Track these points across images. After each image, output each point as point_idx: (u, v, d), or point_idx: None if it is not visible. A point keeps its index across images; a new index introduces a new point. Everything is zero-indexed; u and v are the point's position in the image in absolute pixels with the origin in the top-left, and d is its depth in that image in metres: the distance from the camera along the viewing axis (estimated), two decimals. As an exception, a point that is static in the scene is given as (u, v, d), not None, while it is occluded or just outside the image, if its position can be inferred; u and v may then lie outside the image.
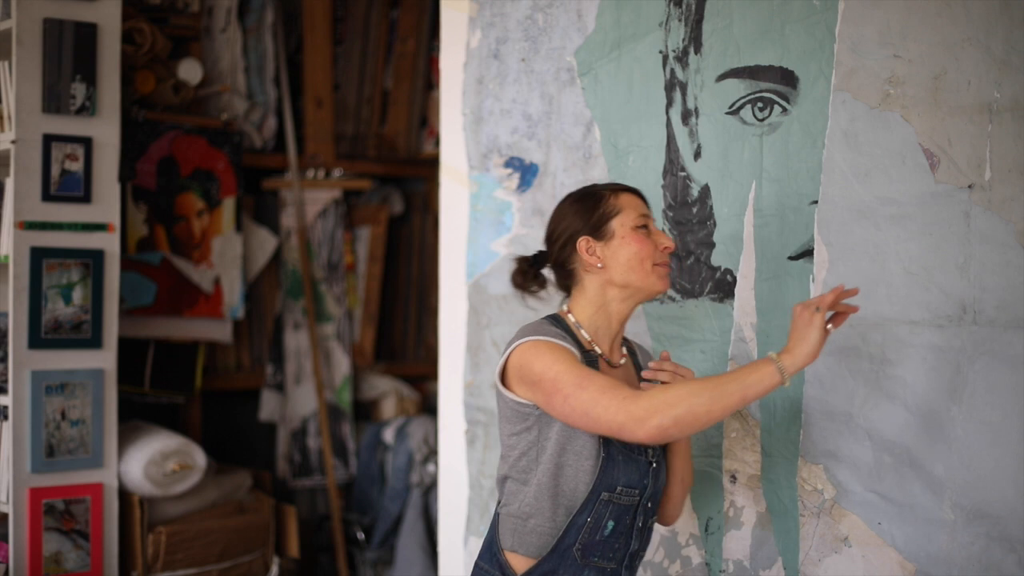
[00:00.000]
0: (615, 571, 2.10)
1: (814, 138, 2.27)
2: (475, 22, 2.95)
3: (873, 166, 2.19)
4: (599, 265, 2.08)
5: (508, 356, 2.04)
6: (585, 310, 2.12)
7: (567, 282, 2.15)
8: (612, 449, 2.03)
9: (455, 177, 3.02)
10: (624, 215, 2.09)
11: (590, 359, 2.07)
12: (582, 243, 2.09)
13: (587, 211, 2.10)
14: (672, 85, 2.53)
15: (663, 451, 2.16)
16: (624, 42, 2.62)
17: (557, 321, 2.11)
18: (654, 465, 2.10)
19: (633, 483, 2.06)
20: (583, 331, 2.11)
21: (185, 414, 4.00)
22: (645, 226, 2.11)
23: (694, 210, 2.48)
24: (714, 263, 2.45)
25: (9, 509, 3.22)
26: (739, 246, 2.41)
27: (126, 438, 3.49)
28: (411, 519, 4.17)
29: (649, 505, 2.12)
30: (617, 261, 2.08)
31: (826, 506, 2.27)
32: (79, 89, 3.27)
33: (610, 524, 2.06)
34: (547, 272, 2.19)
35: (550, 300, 2.26)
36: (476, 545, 2.92)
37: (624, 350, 2.18)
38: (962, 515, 2.08)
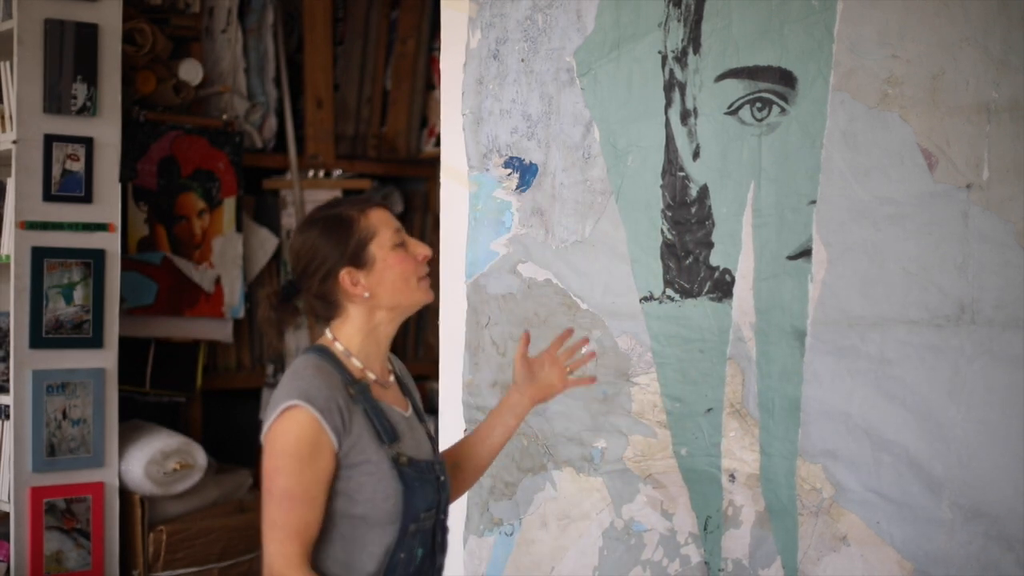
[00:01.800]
0: None
1: (813, 138, 2.27)
2: (475, 22, 2.95)
3: (872, 166, 2.19)
4: (366, 295, 1.99)
5: (270, 425, 1.92)
6: (354, 338, 2.01)
7: (329, 313, 2.03)
8: (407, 478, 1.96)
9: (455, 177, 3.02)
10: (380, 236, 1.99)
11: (361, 388, 1.97)
12: (345, 276, 1.97)
13: (341, 240, 1.98)
14: (671, 85, 2.53)
15: (439, 456, 2.12)
16: (623, 42, 2.62)
17: (323, 354, 1.99)
18: (442, 478, 2.05)
19: (431, 504, 2.00)
20: (354, 359, 2.00)
21: (186, 413, 4.00)
22: (402, 242, 2.02)
23: (693, 210, 2.48)
24: (713, 263, 2.46)
25: (10, 508, 3.23)
26: (738, 246, 2.41)
27: (127, 437, 3.49)
28: (411, 518, 4.17)
29: (442, 517, 2.06)
30: (383, 287, 1.99)
31: (825, 505, 2.27)
32: (80, 89, 3.28)
33: (419, 552, 1.99)
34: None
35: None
36: (476, 545, 2.92)
37: (389, 365, 2.11)
38: (960, 514, 2.08)
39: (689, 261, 2.48)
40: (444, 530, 2.08)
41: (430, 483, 2.01)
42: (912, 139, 2.13)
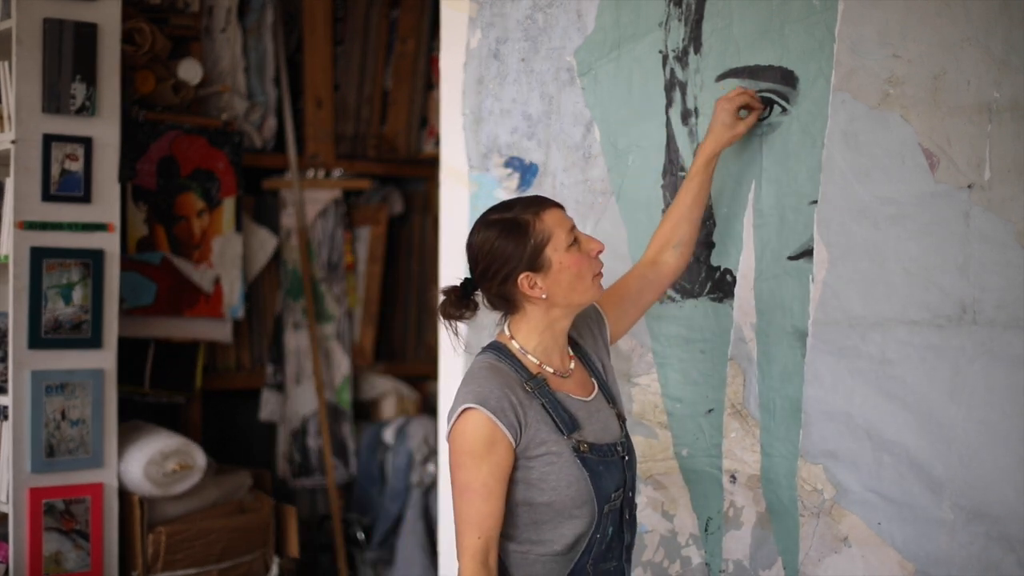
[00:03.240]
0: (617, 568, 2.12)
1: (813, 138, 2.27)
2: (475, 22, 2.95)
3: (873, 166, 2.19)
4: (543, 296, 2.06)
5: (451, 426, 2.04)
6: (531, 336, 2.10)
7: (506, 309, 2.12)
8: (590, 463, 2.04)
9: (455, 177, 3.02)
10: (555, 239, 2.05)
11: (537, 383, 2.06)
12: (523, 280, 2.04)
13: (518, 244, 2.04)
14: (672, 85, 2.53)
15: (627, 435, 2.16)
16: (624, 42, 2.62)
17: (501, 352, 2.10)
18: (626, 457, 2.12)
19: (619, 484, 2.08)
20: (530, 356, 2.09)
21: (185, 414, 4.00)
22: (575, 240, 2.07)
23: (694, 210, 2.48)
24: (714, 263, 2.45)
25: (9, 509, 3.22)
26: (739, 246, 2.41)
27: (126, 438, 3.49)
28: (411, 519, 4.17)
29: (630, 494, 2.14)
30: (560, 288, 2.05)
31: (826, 506, 2.27)
32: (79, 89, 3.27)
33: (610, 530, 2.08)
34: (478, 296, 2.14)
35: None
36: (476, 545, 2.92)
37: (571, 352, 2.17)
38: (961, 515, 2.08)
39: (690, 261, 2.48)
40: (632, 507, 2.15)
41: (614, 464, 2.08)
42: (913, 139, 2.13)
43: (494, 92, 2.90)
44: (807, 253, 2.29)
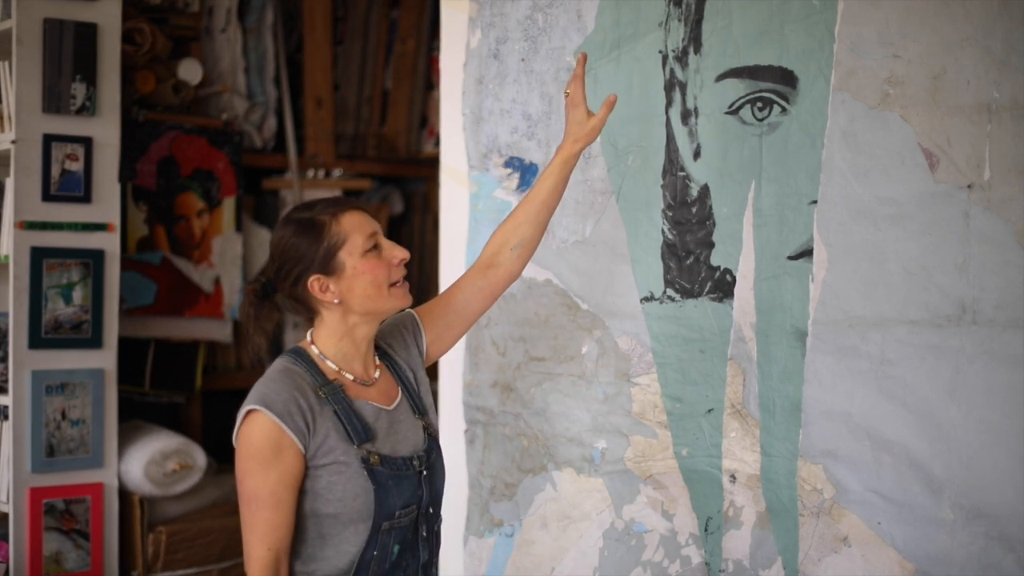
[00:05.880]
0: None
1: (813, 138, 2.27)
2: (475, 22, 2.95)
3: (872, 166, 2.19)
4: (335, 301, 1.99)
5: (237, 430, 1.97)
6: (328, 341, 2.03)
7: (303, 314, 2.05)
8: (379, 476, 1.96)
9: (455, 177, 3.02)
10: (351, 242, 1.98)
11: (332, 389, 1.98)
12: (314, 283, 1.98)
13: (311, 245, 1.97)
14: (672, 85, 2.53)
15: (430, 447, 2.08)
16: (624, 42, 2.62)
17: (299, 356, 2.02)
18: (425, 472, 2.04)
19: (409, 501, 2.00)
20: (328, 362, 2.02)
21: (185, 414, 4.00)
22: (375, 245, 2.01)
23: (693, 210, 2.48)
24: (713, 263, 2.45)
25: (9, 509, 3.22)
26: (738, 246, 2.41)
27: (126, 438, 3.49)
28: (411, 519, 4.17)
29: (431, 511, 2.06)
30: (353, 294, 1.99)
31: (825, 506, 2.27)
32: (79, 89, 3.28)
33: (396, 548, 2.00)
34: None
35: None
36: (476, 545, 2.92)
37: (377, 360, 2.10)
38: (961, 515, 2.08)
39: (690, 261, 2.48)
40: (430, 521, 2.06)
41: (407, 479, 2.00)
42: (913, 139, 2.13)
43: (494, 92, 2.90)
44: (807, 253, 2.29)
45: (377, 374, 2.09)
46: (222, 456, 3.94)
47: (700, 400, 2.48)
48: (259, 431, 1.93)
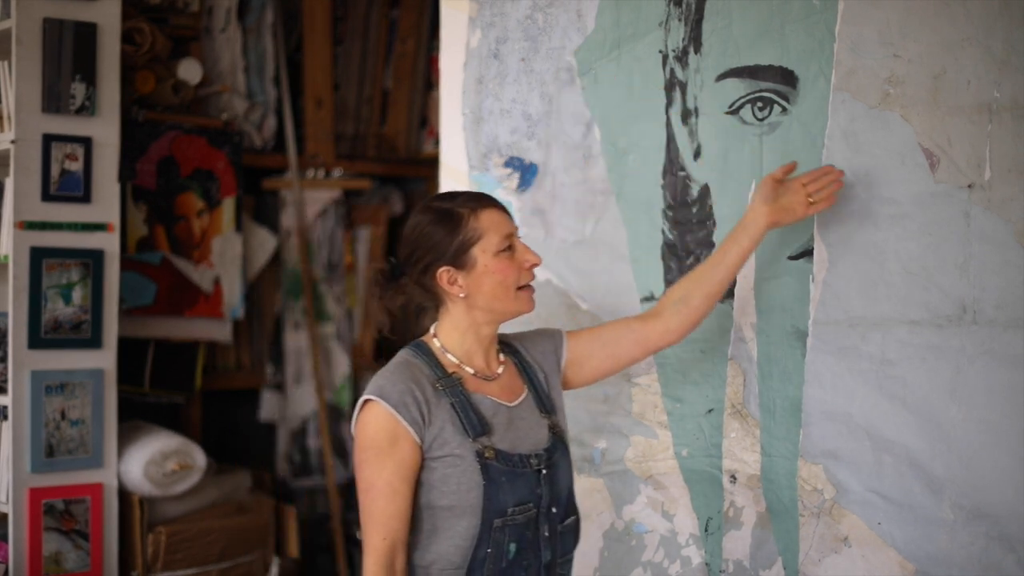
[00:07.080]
0: None
1: (814, 138, 2.27)
2: (475, 22, 2.95)
3: (873, 166, 2.19)
4: (462, 295, 2.00)
5: (355, 420, 1.99)
6: (452, 335, 2.05)
7: (427, 302, 2.06)
8: (492, 472, 1.96)
9: (455, 177, 3.02)
10: (486, 240, 1.99)
11: (450, 382, 2.00)
12: (443, 275, 1.99)
13: (446, 236, 1.98)
14: (672, 85, 2.53)
15: (553, 446, 2.07)
16: (624, 42, 2.62)
17: (419, 348, 2.05)
18: (544, 471, 2.02)
19: (524, 499, 1.99)
20: (449, 355, 2.04)
21: (185, 414, 4.00)
22: (510, 246, 2.01)
23: (694, 210, 2.48)
24: (714, 263, 2.45)
25: (9, 509, 3.22)
26: (739, 246, 2.40)
27: (126, 438, 3.49)
28: (411, 519, 4.16)
29: (553, 511, 2.04)
30: (480, 291, 2.00)
31: (826, 506, 2.26)
32: (79, 89, 3.27)
33: (512, 547, 1.99)
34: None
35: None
36: (476, 545, 2.92)
37: (501, 356, 2.10)
38: (962, 515, 2.08)
39: (690, 261, 2.48)
40: (552, 521, 2.04)
41: (523, 477, 1.99)
42: (913, 139, 2.13)
43: (494, 92, 2.90)
44: (807, 253, 2.29)
45: (500, 370, 2.09)
46: (222, 456, 3.95)
47: (700, 400, 2.48)
48: (374, 421, 1.94)
